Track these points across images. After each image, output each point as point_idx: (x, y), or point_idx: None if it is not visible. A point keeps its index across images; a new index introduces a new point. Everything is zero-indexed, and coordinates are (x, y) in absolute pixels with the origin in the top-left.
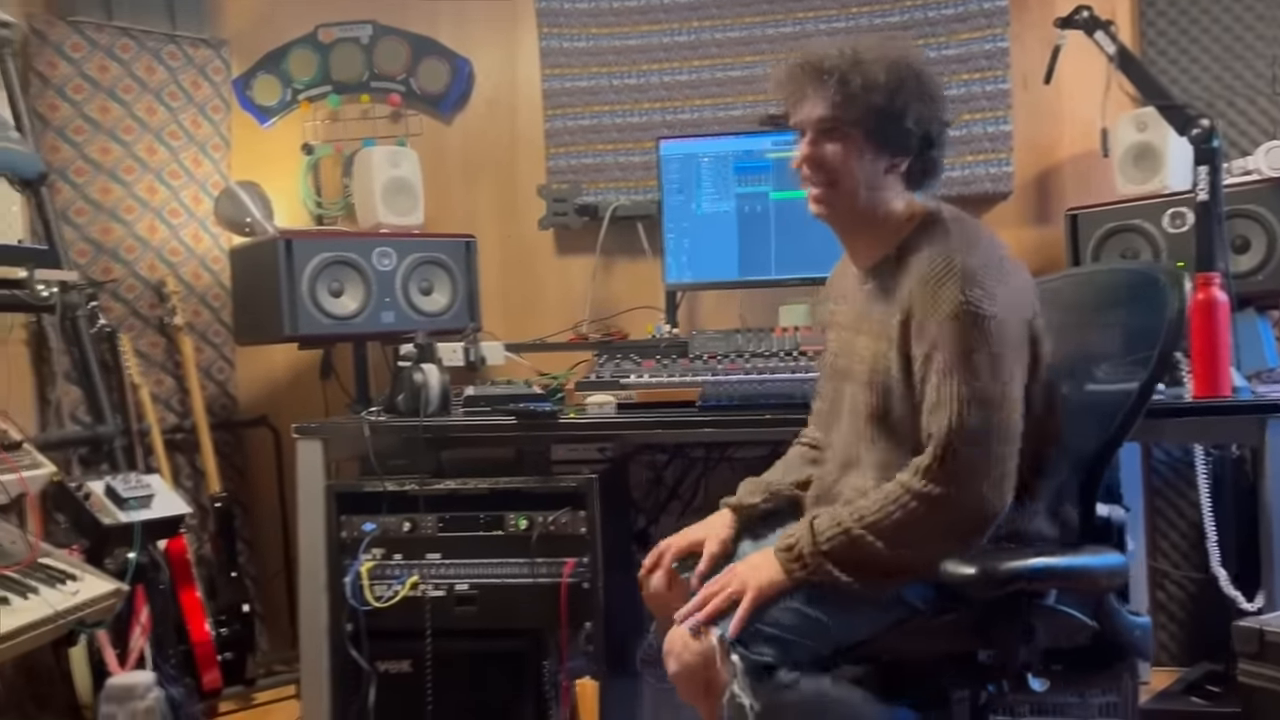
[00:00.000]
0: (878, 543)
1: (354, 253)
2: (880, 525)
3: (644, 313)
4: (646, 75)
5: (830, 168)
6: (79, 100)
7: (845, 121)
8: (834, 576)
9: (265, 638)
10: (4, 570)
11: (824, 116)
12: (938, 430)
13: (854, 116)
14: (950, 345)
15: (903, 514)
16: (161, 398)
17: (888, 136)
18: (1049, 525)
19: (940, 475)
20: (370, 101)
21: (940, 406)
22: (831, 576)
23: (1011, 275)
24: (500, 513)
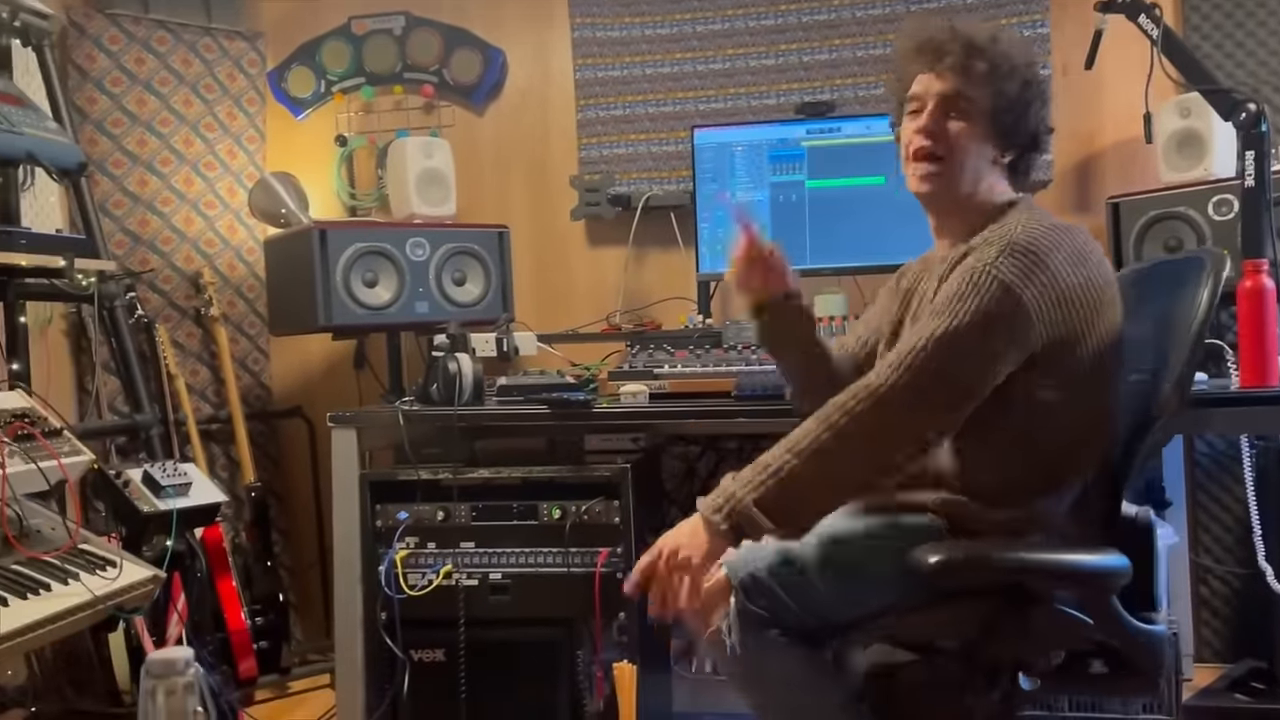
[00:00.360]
0: (805, 468)
1: (388, 243)
2: (807, 448)
3: (676, 303)
4: (680, 64)
5: (949, 143)
6: (117, 93)
7: (976, 101)
8: (759, 524)
9: (300, 627)
10: (44, 556)
11: (957, 92)
12: (902, 348)
13: (985, 99)
14: (954, 288)
15: (844, 420)
16: (197, 388)
17: (1007, 127)
18: (1071, 521)
19: (889, 375)
20: (403, 93)
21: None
22: (756, 525)
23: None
24: (533, 502)
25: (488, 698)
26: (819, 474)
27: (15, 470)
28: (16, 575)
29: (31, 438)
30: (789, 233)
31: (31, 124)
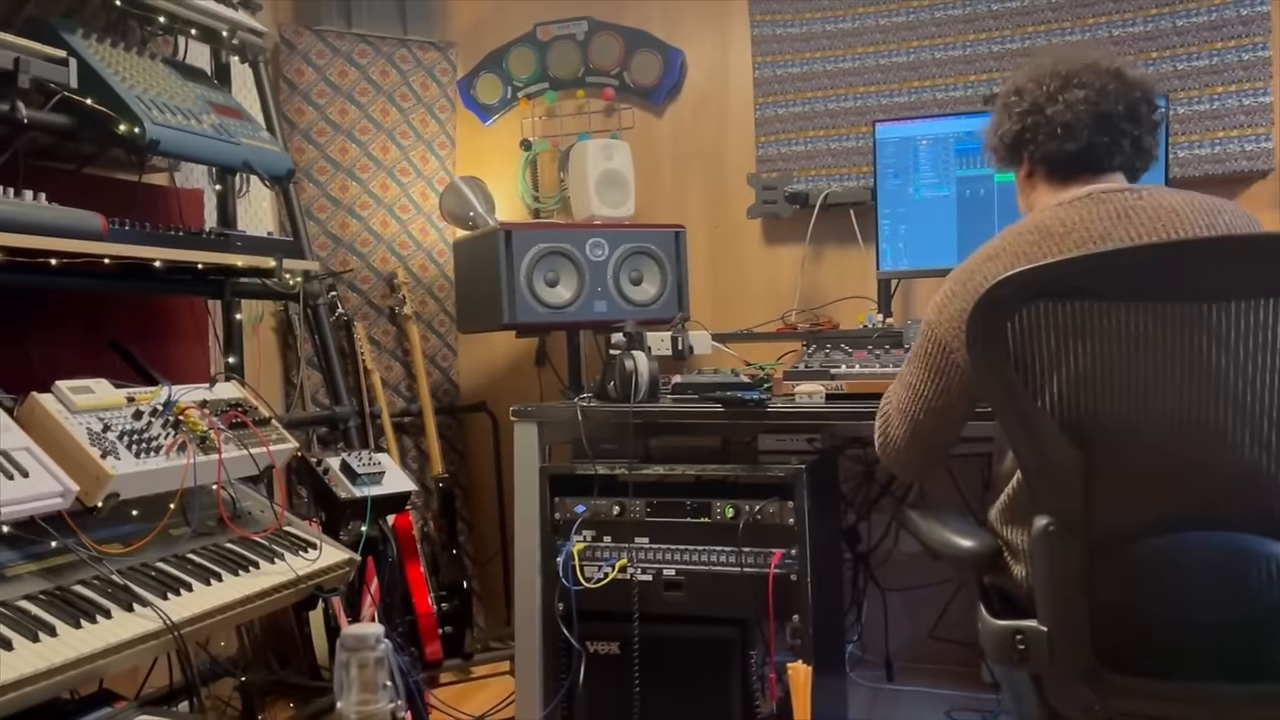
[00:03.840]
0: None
1: (568, 244)
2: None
3: (854, 302)
4: (861, 59)
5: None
6: (321, 104)
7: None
8: None
9: (482, 615)
10: (254, 536)
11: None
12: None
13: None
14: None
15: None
16: (391, 383)
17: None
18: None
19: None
20: (585, 96)
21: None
22: None
23: (955, 277)
24: (707, 500)
25: (661, 693)
26: None
27: (230, 455)
28: (230, 553)
29: (244, 426)
30: (976, 229)
31: (248, 134)
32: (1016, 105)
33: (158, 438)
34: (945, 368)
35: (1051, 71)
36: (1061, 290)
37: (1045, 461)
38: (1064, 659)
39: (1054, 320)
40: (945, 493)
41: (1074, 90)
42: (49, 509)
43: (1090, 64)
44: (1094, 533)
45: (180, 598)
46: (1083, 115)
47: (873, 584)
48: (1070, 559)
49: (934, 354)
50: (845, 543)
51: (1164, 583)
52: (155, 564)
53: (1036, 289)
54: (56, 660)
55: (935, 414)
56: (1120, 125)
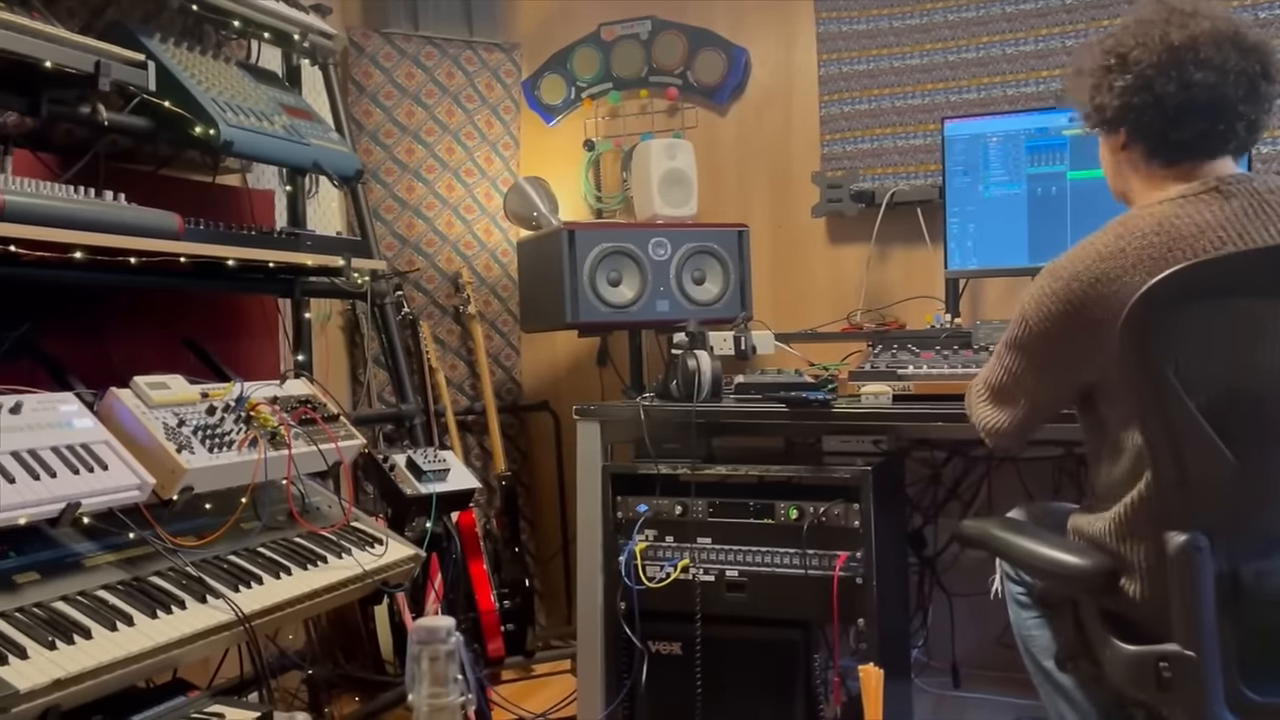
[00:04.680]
0: None
1: (631, 243)
2: None
3: (921, 302)
4: (930, 55)
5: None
6: (389, 106)
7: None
8: None
9: (543, 613)
10: (322, 531)
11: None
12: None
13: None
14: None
15: None
16: (455, 381)
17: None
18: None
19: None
20: (648, 96)
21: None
22: None
23: (1058, 276)
24: (770, 501)
25: (723, 695)
26: None
27: (300, 451)
28: (298, 547)
29: (313, 422)
30: (1048, 227)
31: (317, 136)
32: (1120, 74)
33: (230, 433)
34: (1055, 356)
35: (1163, 39)
36: (1223, 288)
37: (1188, 471)
38: (1209, 684)
39: (1215, 319)
40: (1014, 497)
41: (1189, 69)
42: (127, 501)
43: (1209, 32)
44: (1239, 547)
45: (251, 590)
46: (1199, 98)
47: (939, 589)
48: (1214, 576)
49: (1038, 345)
50: (911, 547)
51: None
52: (227, 557)
53: (1199, 287)
54: (134, 649)
55: (1039, 410)
56: (1238, 109)
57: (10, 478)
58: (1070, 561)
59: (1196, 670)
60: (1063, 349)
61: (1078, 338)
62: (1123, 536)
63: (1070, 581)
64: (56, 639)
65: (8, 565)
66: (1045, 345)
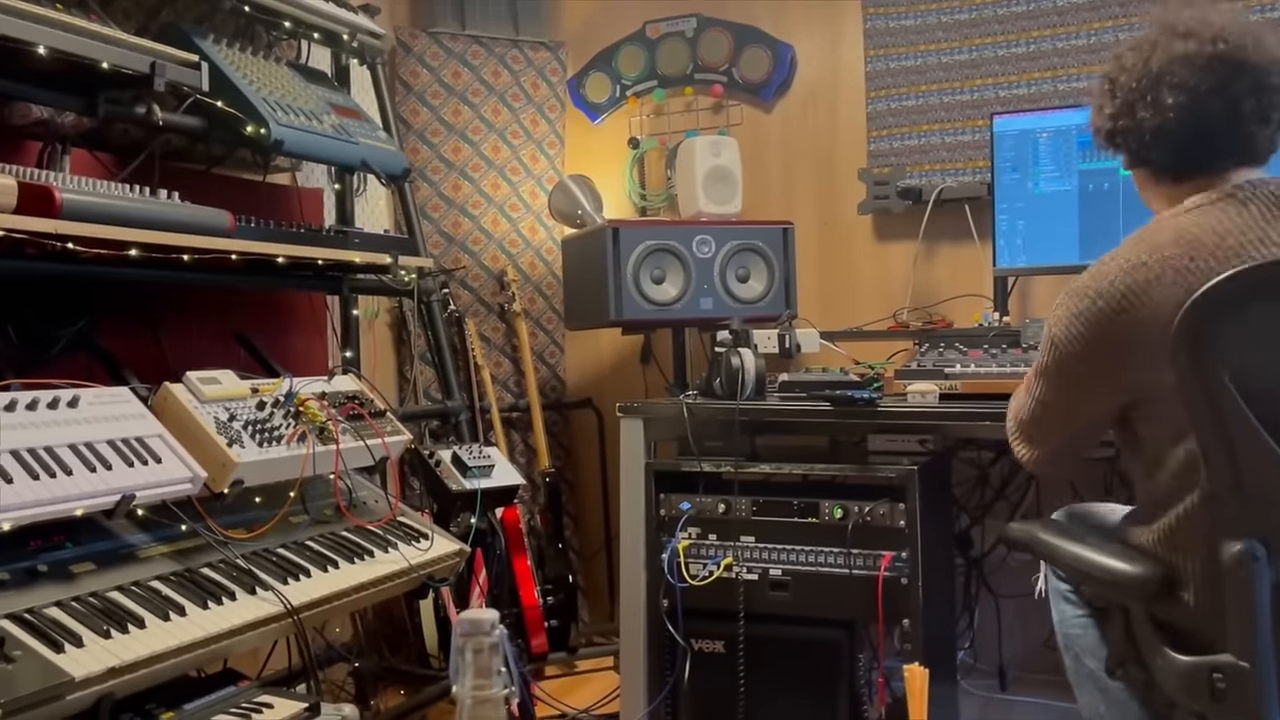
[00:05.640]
0: None
1: (675, 241)
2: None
3: (969, 300)
4: (979, 50)
5: None
6: (436, 105)
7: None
8: None
9: (586, 609)
10: (369, 525)
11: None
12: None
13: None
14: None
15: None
16: (500, 379)
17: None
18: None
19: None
20: (693, 94)
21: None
22: None
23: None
24: (815, 500)
25: (766, 693)
26: None
27: (348, 446)
28: (346, 541)
29: (361, 418)
30: (1100, 224)
31: (366, 135)
32: (1109, 99)
33: (279, 427)
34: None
35: (1145, 65)
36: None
37: (1244, 479)
38: (1265, 696)
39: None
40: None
41: (1163, 92)
42: (179, 494)
43: (1185, 55)
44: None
45: (300, 583)
46: (1172, 123)
47: (985, 590)
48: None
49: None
50: (957, 547)
51: None
52: (276, 550)
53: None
54: (186, 639)
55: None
56: (1224, 124)
57: (68, 469)
58: (1120, 569)
59: (1251, 681)
60: (1095, 368)
61: (1110, 355)
62: (1173, 546)
63: (1120, 589)
64: (111, 628)
65: (64, 556)
66: (1077, 366)
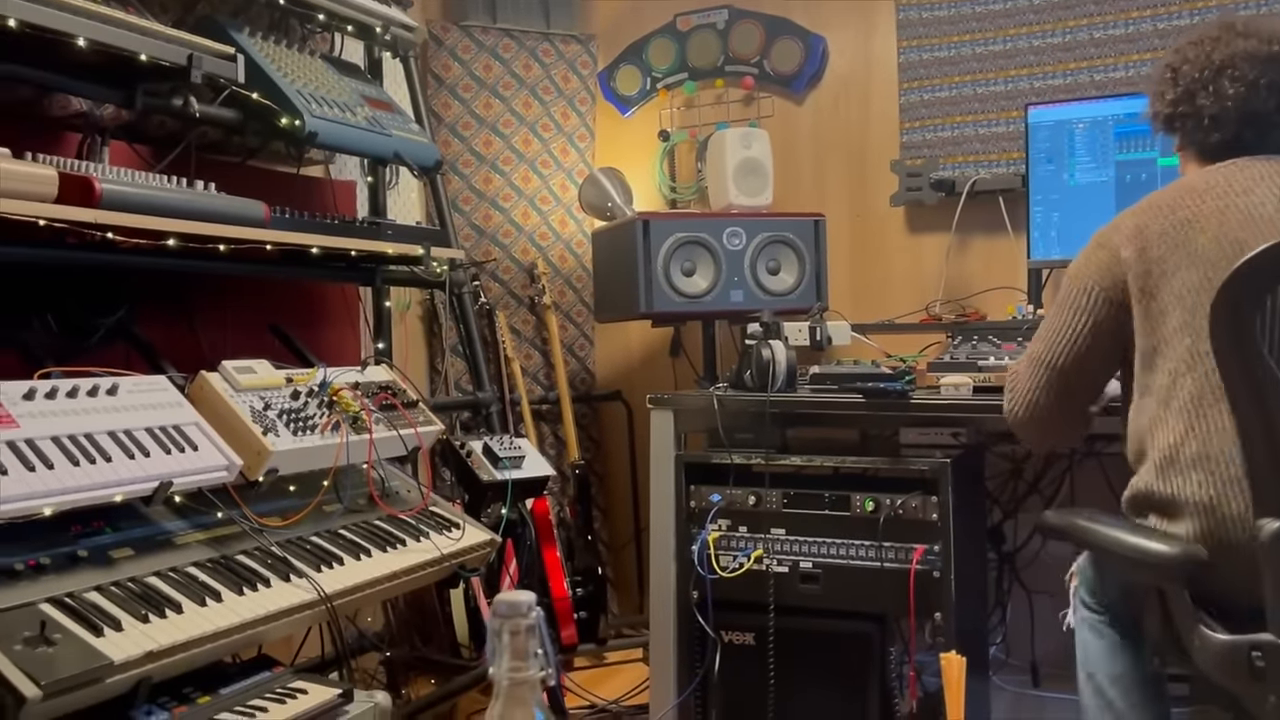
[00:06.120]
0: None
1: (705, 233)
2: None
3: (1002, 293)
4: (1013, 40)
5: None
6: (467, 98)
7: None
8: None
9: (615, 601)
10: (401, 514)
11: None
12: None
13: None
14: None
15: None
16: (530, 371)
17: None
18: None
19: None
20: (724, 86)
21: None
22: None
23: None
24: (846, 493)
25: (796, 686)
26: None
27: (380, 436)
28: (378, 530)
29: (394, 408)
30: None
31: (398, 127)
32: (1171, 87)
33: (313, 417)
34: (1091, 307)
35: (1207, 58)
36: None
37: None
38: None
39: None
40: (1097, 493)
41: (1224, 83)
42: (215, 481)
43: (1247, 51)
44: None
45: (333, 570)
46: (1230, 111)
47: (1018, 585)
48: None
49: (1077, 297)
50: (990, 542)
51: None
52: (310, 538)
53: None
54: (222, 624)
55: (1078, 358)
56: (1272, 119)
57: (107, 456)
58: (1157, 549)
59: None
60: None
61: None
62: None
63: (1157, 570)
64: (149, 613)
65: (104, 541)
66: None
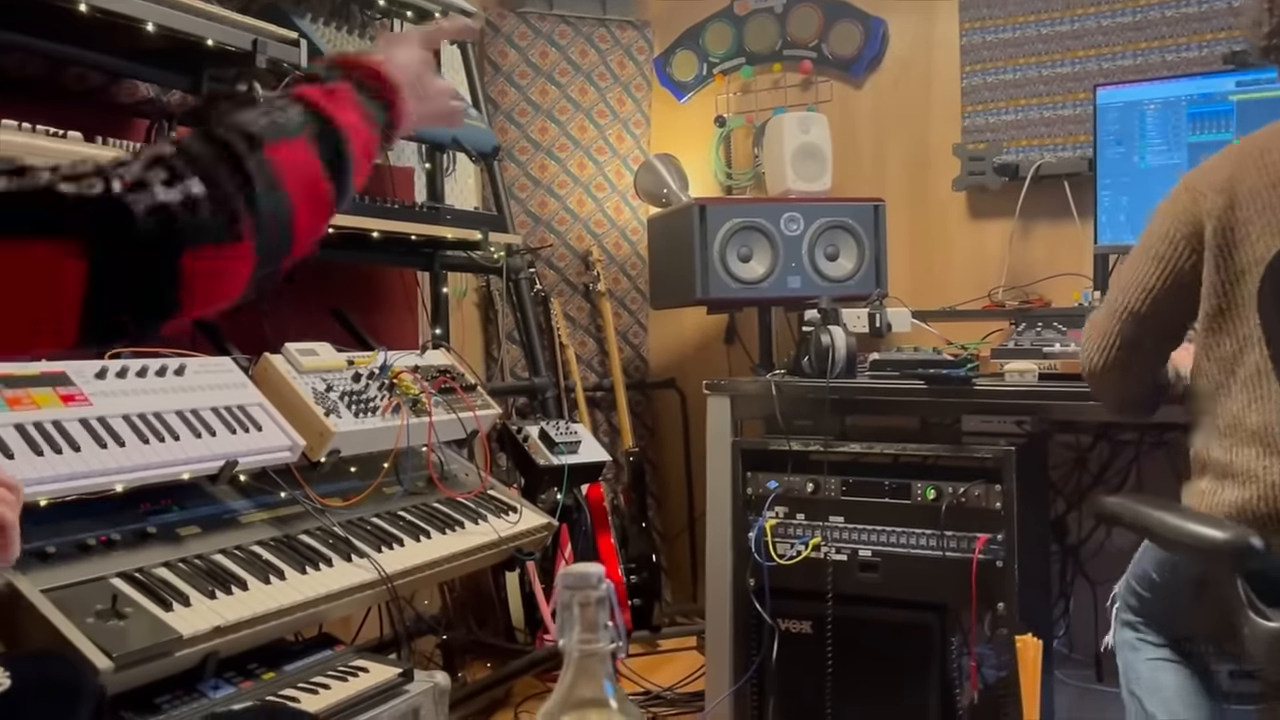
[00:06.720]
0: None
1: (763, 218)
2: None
3: (1067, 279)
4: (1081, 20)
5: None
6: (523, 85)
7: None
8: None
9: (669, 589)
10: (460, 497)
11: None
12: None
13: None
14: None
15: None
16: (584, 358)
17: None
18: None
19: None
20: (781, 70)
21: None
22: None
23: (1193, 180)
24: (906, 481)
25: (854, 675)
26: None
27: (440, 419)
28: (437, 512)
29: (452, 391)
30: None
31: None
32: (1269, 15)
33: (374, 399)
34: (1172, 255)
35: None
36: None
37: None
38: None
39: None
40: (1165, 485)
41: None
42: (279, 461)
43: None
44: None
45: (393, 551)
46: None
47: (1082, 578)
48: None
49: (1158, 243)
50: (1053, 533)
51: None
52: (370, 519)
53: None
54: (285, 602)
55: (1155, 305)
56: None
57: (175, 435)
58: (1214, 535)
59: None
60: (1183, 243)
61: (1195, 225)
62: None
63: (1214, 555)
64: (216, 589)
65: (171, 518)
66: (1165, 244)
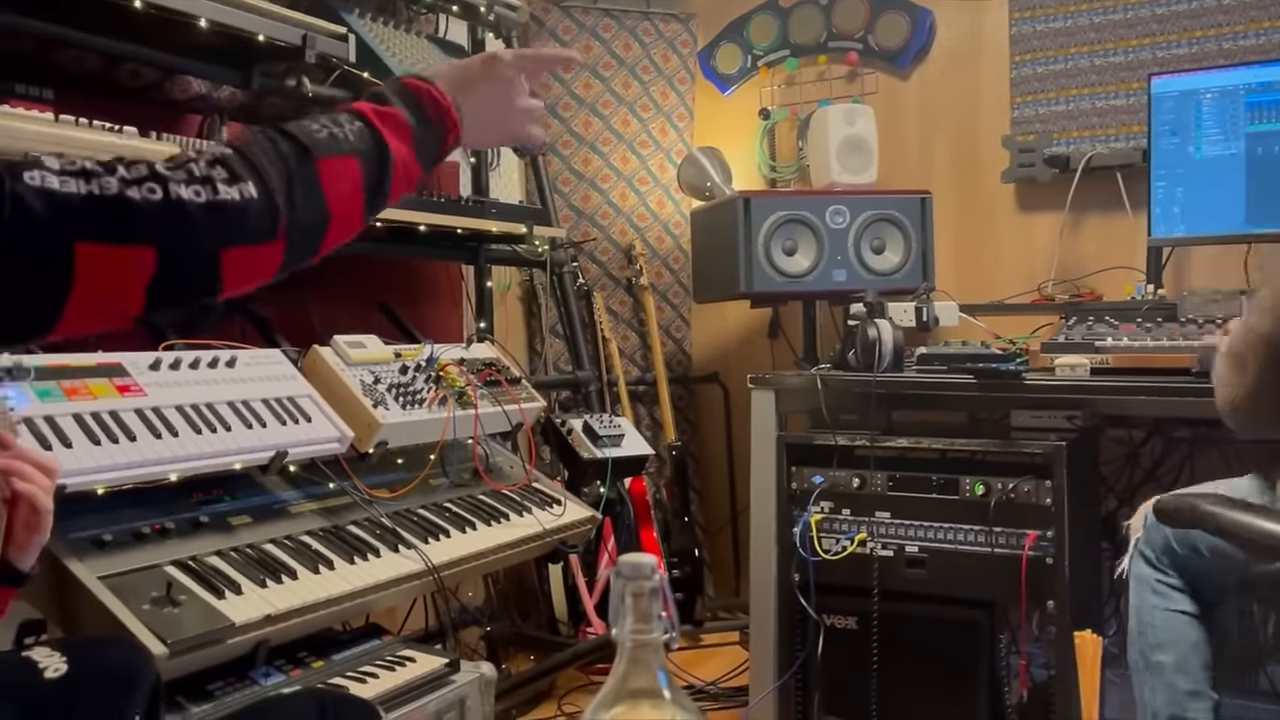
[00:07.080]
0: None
1: (808, 211)
2: None
3: (1119, 273)
4: (1135, 9)
5: None
6: (567, 79)
7: None
8: None
9: (711, 584)
10: (505, 490)
11: None
12: None
13: None
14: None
15: None
16: (627, 352)
17: None
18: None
19: None
20: (826, 62)
21: None
22: None
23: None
24: (954, 476)
25: (900, 672)
26: None
27: (485, 411)
28: (483, 504)
29: (498, 383)
30: (1270, 190)
31: None
32: None
33: (421, 391)
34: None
35: None
36: None
37: None
38: None
39: None
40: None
41: None
42: (327, 453)
43: None
44: None
45: (439, 543)
46: None
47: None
48: None
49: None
50: (1104, 530)
51: None
52: (417, 510)
53: None
54: (334, 591)
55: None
56: None
57: (227, 425)
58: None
59: None
60: None
61: None
62: None
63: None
64: (267, 577)
65: (223, 508)
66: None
